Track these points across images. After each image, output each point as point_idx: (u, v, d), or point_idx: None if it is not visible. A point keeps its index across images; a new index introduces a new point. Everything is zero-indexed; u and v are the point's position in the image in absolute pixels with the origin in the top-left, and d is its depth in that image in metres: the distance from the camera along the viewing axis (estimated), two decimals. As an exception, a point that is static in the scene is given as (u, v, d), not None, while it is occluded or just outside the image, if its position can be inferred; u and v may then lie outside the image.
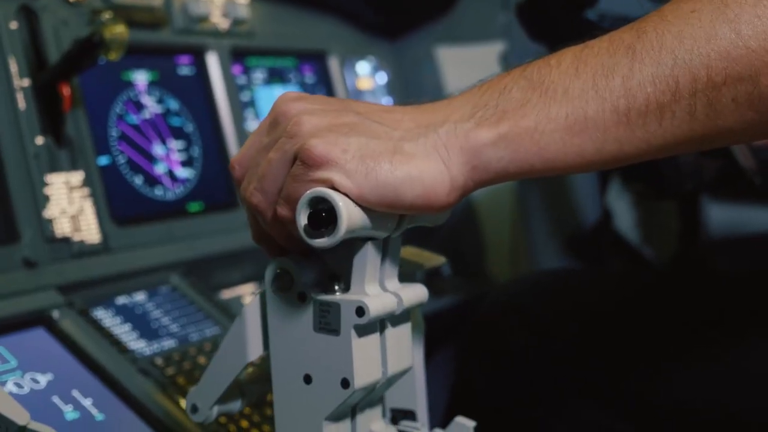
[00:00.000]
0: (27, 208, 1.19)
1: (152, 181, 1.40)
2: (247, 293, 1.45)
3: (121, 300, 1.24)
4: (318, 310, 0.74)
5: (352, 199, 0.69)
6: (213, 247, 1.42)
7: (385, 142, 0.69)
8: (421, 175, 0.68)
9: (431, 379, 0.89)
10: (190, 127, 1.48)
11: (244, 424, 1.12)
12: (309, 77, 1.76)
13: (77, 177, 1.26)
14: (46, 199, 1.21)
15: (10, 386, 1.03)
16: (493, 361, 1.23)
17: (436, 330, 1.30)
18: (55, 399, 1.03)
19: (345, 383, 0.74)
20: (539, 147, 0.68)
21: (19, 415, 0.76)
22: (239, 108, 1.56)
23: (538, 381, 1.19)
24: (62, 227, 1.22)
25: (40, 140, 1.22)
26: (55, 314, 1.14)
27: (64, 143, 1.25)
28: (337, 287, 0.74)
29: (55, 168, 1.24)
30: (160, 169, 1.42)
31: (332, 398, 0.74)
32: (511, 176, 0.69)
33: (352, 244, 0.74)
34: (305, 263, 0.75)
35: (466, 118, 0.70)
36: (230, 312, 1.32)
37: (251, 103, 1.60)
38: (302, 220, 0.69)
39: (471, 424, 0.84)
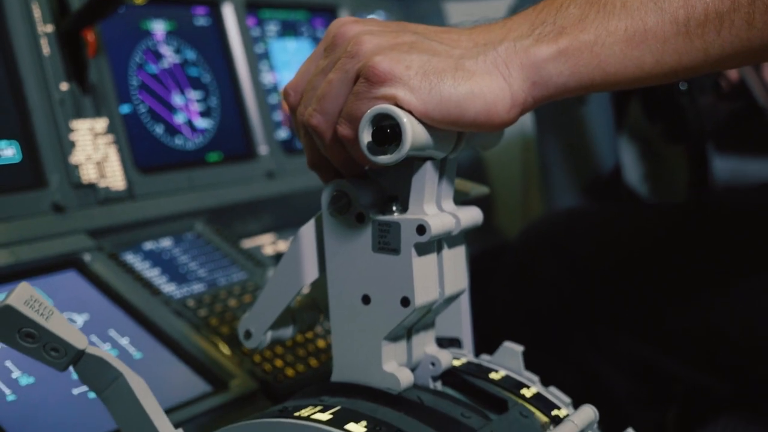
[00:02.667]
0: (54, 153, 1.19)
1: (172, 130, 1.40)
2: (266, 243, 1.46)
3: (149, 245, 1.25)
4: (377, 230, 0.75)
5: (416, 116, 0.69)
6: (232, 196, 1.42)
7: (445, 59, 0.70)
8: (483, 91, 0.69)
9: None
10: (207, 78, 1.48)
11: (279, 363, 1.12)
12: (320, 31, 1.76)
13: (101, 124, 1.26)
14: (72, 145, 1.21)
15: (49, 325, 1.03)
16: (525, 289, 1.25)
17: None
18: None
19: (405, 302, 0.74)
20: (599, 60, 0.69)
21: (78, 340, 0.77)
22: (255, 60, 1.56)
23: (568, 310, 1.21)
24: (88, 173, 1.22)
25: (64, 86, 1.22)
26: (86, 257, 1.14)
27: (88, 90, 1.25)
28: (394, 208, 0.75)
29: (79, 114, 1.24)
30: (179, 118, 1.41)
31: (392, 317, 0.75)
32: (570, 91, 0.70)
33: (411, 164, 0.74)
34: (362, 184, 0.76)
35: (525, 36, 0.70)
36: (255, 259, 1.33)
37: (265, 56, 1.60)
38: (365, 137, 0.70)
39: (519, 348, 0.86)
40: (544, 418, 0.80)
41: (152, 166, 1.33)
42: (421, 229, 0.73)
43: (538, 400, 0.82)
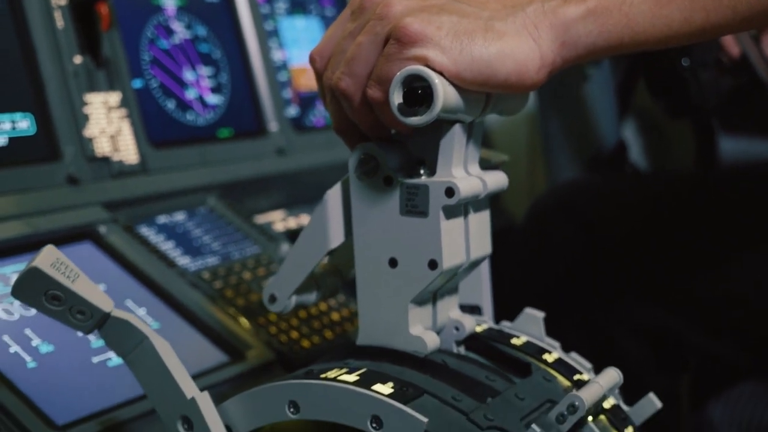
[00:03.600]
0: (68, 126, 1.19)
1: (184, 106, 1.40)
2: (277, 220, 1.46)
3: (162, 219, 1.25)
4: (405, 193, 0.75)
5: (446, 78, 0.70)
6: (243, 172, 1.42)
7: (475, 20, 0.70)
8: (513, 52, 0.69)
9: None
10: (217, 54, 1.48)
11: (294, 335, 1.13)
12: (329, 9, 1.75)
13: (115, 97, 1.26)
14: (86, 118, 1.21)
15: (66, 295, 1.04)
16: (537, 259, 1.25)
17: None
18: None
19: (432, 264, 0.75)
20: (628, 19, 0.69)
21: (104, 303, 0.77)
22: (264, 37, 1.56)
23: (582, 278, 1.21)
24: (102, 147, 1.22)
25: (78, 59, 1.22)
26: (102, 229, 1.15)
27: (102, 63, 1.25)
28: (422, 171, 0.75)
29: (93, 88, 1.23)
30: (190, 94, 1.41)
31: (419, 280, 0.75)
32: (599, 52, 0.70)
33: (439, 127, 0.74)
34: (390, 148, 0.76)
35: None
36: (268, 233, 1.33)
37: (275, 33, 1.60)
38: (396, 98, 0.70)
39: (540, 314, 0.86)
40: (566, 383, 0.80)
41: (164, 140, 1.33)
42: (450, 192, 0.73)
43: (560, 365, 0.82)
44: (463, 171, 0.76)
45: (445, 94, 0.69)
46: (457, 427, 0.70)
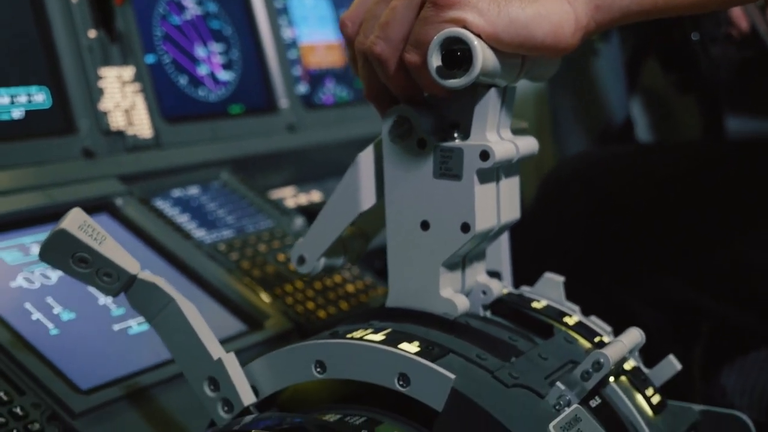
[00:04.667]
0: (83, 100, 1.19)
1: (196, 82, 1.40)
2: (288, 196, 1.46)
3: (177, 193, 1.25)
4: (439, 156, 0.75)
5: (484, 40, 0.70)
6: (255, 148, 1.43)
7: None
8: (549, 14, 0.69)
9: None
10: (228, 31, 1.48)
11: (311, 305, 1.14)
12: (337, -13, 1.76)
13: (129, 72, 1.27)
14: (101, 92, 1.22)
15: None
16: (553, 225, 1.26)
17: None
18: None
19: (465, 228, 0.75)
20: None
21: (131, 265, 0.78)
22: (274, 14, 1.56)
23: (597, 247, 1.22)
24: (117, 121, 1.23)
25: (92, 33, 1.22)
26: (118, 201, 1.15)
27: (116, 38, 1.26)
28: (456, 135, 0.76)
29: (107, 62, 1.24)
30: (202, 70, 1.42)
31: (451, 243, 0.76)
32: (633, 16, 0.71)
33: (475, 91, 0.75)
34: (424, 111, 0.77)
35: None
36: (281, 208, 1.33)
37: (285, 11, 1.60)
38: (435, 61, 0.70)
39: (560, 278, 0.87)
40: (587, 344, 0.81)
41: (177, 115, 1.34)
42: (485, 155, 0.73)
43: (581, 328, 0.83)
44: (497, 135, 0.76)
45: (483, 56, 0.69)
46: (482, 385, 0.70)
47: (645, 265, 1.21)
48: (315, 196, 1.50)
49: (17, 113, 1.13)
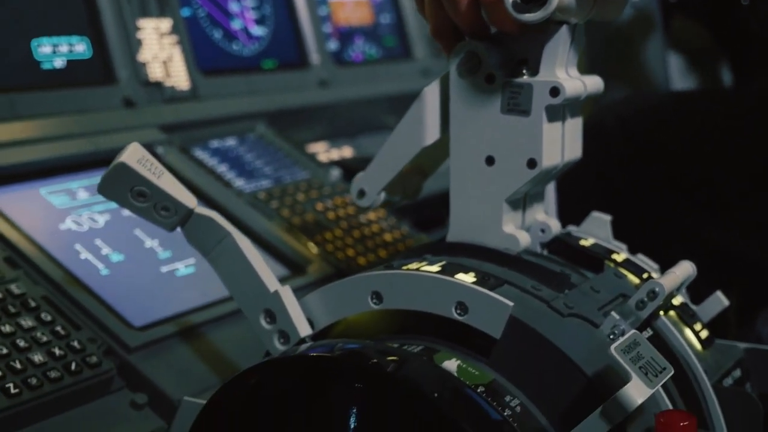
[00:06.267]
0: (122, 50, 1.20)
1: (230, 36, 1.41)
2: (320, 151, 1.47)
3: (215, 143, 1.26)
4: (508, 91, 0.76)
5: None
6: (288, 102, 1.43)
7: None
8: None
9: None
10: (261, -14, 1.49)
11: (351, 252, 1.15)
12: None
13: (166, 24, 1.27)
14: (139, 43, 1.23)
15: (131, 210, 1.06)
16: (595, 170, 1.26)
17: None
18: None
19: (531, 163, 0.76)
20: None
21: (188, 199, 0.78)
22: (306, -32, 1.56)
23: (639, 192, 1.23)
24: (155, 72, 1.24)
25: (130, -16, 1.23)
26: (159, 150, 1.16)
27: (153, -11, 1.26)
28: (524, 71, 0.76)
29: (145, 13, 1.25)
30: (236, 25, 1.42)
31: (516, 179, 0.76)
32: None
33: (547, 27, 0.75)
34: (493, 46, 0.77)
35: None
36: (316, 160, 1.34)
37: (315, -33, 1.61)
38: None
39: (607, 217, 0.88)
40: (636, 280, 0.82)
41: (213, 68, 1.34)
42: (555, 92, 0.74)
43: (630, 264, 0.84)
44: (566, 73, 0.77)
45: None
46: (539, 314, 0.71)
47: (683, 210, 1.21)
48: (347, 151, 1.51)
49: (59, 62, 1.14)
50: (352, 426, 0.68)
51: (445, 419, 0.63)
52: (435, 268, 0.75)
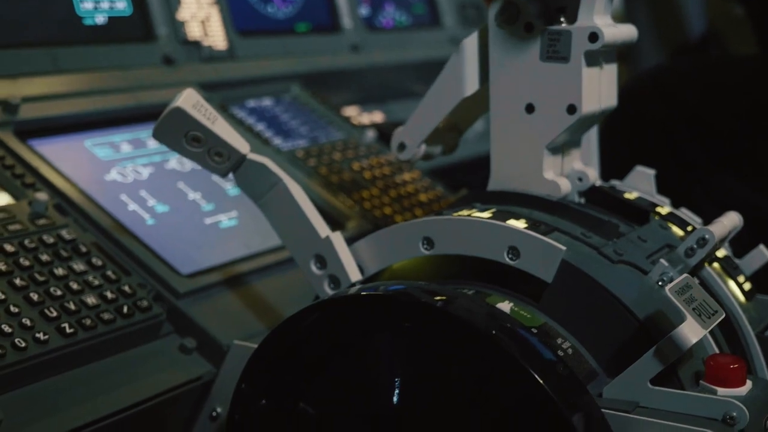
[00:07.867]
0: (161, 8, 1.21)
1: (264, -2, 1.42)
2: (353, 114, 1.48)
3: (251, 103, 1.27)
4: (547, 39, 0.77)
5: None
6: (321, 65, 1.44)
7: None
8: None
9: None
10: (295, -51, 1.49)
11: (388, 210, 1.16)
12: None
13: (204, -17, 1.28)
14: (178, 1, 1.23)
15: (174, 164, 1.07)
16: (634, 133, 1.27)
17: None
18: (215, 178, 1.07)
19: (571, 109, 0.77)
20: None
21: (242, 145, 0.80)
22: (339, -67, 1.57)
23: (676, 153, 1.24)
24: (193, 31, 1.24)
25: (169, -57, 1.24)
26: (199, 107, 1.17)
27: (191, -51, 1.27)
28: (563, 18, 0.77)
29: (184, -28, 1.25)
30: (270, -13, 1.43)
31: (556, 125, 0.78)
32: None
33: None
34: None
35: None
36: (350, 122, 1.35)
37: (347, -68, 1.61)
38: None
39: (651, 171, 0.88)
40: (680, 232, 0.83)
41: (249, 29, 1.35)
42: (594, 37, 0.75)
43: (674, 217, 0.85)
44: (602, 20, 0.78)
45: None
46: (590, 259, 0.72)
47: (720, 172, 1.22)
48: (377, 116, 1.52)
49: (100, 18, 1.15)
50: (403, 366, 0.69)
51: (499, 357, 0.63)
52: (486, 214, 0.76)
